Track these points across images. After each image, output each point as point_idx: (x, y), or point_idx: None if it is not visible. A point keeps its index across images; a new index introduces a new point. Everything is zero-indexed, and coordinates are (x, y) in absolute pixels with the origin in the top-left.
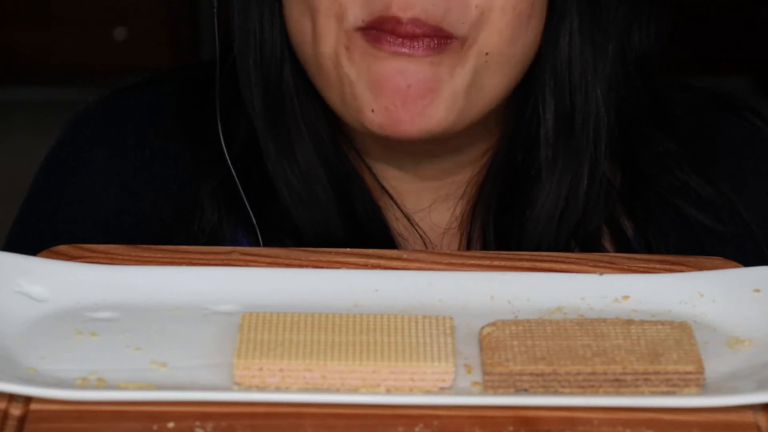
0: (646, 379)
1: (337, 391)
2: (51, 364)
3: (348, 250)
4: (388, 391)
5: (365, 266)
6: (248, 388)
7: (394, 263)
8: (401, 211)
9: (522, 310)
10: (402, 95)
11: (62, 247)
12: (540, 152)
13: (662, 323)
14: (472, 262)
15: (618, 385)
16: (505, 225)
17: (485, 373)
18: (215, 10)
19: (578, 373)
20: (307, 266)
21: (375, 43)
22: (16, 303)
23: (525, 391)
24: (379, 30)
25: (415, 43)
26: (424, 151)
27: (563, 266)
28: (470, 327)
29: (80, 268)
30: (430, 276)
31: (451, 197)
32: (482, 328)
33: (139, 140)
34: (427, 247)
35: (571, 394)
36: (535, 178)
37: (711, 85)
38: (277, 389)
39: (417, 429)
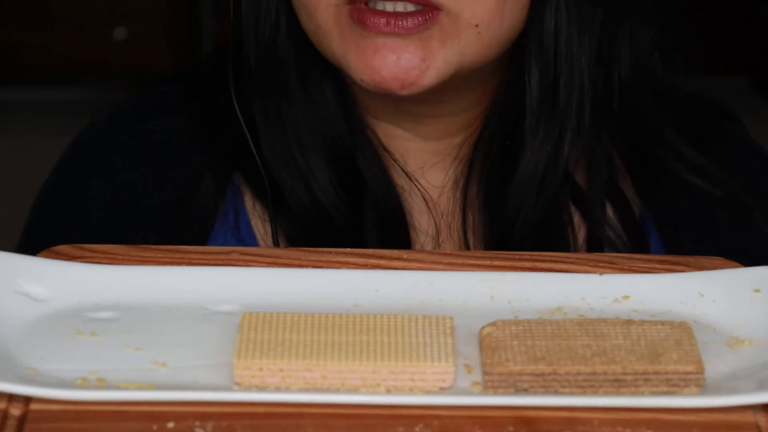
0: (646, 379)
1: (337, 391)
2: (51, 364)
3: (348, 250)
4: (388, 391)
5: (365, 266)
6: (248, 388)
7: (394, 263)
8: (402, 168)
9: (522, 310)
10: (391, 67)
11: (62, 247)
12: (525, 120)
13: (662, 323)
14: (472, 262)
15: (618, 385)
16: (495, 186)
17: (485, 373)
18: None
19: (578, 373)
20: (307, 266)
21: (359, 23)
22: (16, 303)
23: (525, 391)
24: (363, 8)
25: (401, 22)
26: (423, 111)
27: (563, 266)
28: (470, 327)
29: (80, 268)
30: (430, 276)
31: (448, 158)
32: (482, 328)
33: (159, 140)
34: (428, 204)
35: (571, 394)
36: (520, 144)
37: (699, 90)
38: (277, 389)
39: (417, 429)
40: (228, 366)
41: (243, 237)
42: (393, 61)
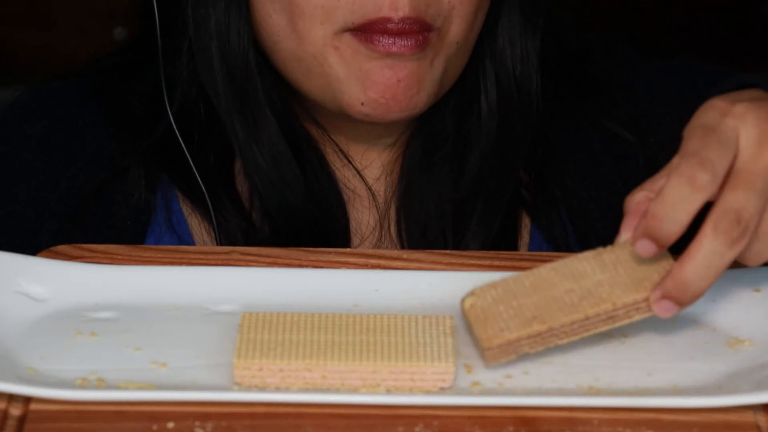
0: (637, 309)
1: (337, 391)
2: (51, 364)
3: (348, 250)
4: (388, 391)
5: (365, 266)
6: (248, 388)
7: (394, 263)
8: (352, 164)
9: None
10: (392, 89)
11: (62, 247)
12: (481, 119)
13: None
14: (472, 262)
15: (612, 321)
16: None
17: (485, 349)
18: None
19: (573, 323)
20: (307, 266)
21: (368, 43)
22: (16, 303)
23: (526, 354)
24: (370, 31)
25: (404, 41)
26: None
27: None
28: None
29: (80, 268)
30: (430, 276)
31: (388, 147)
32: (463, 300)
33: (67, 125)
34: (374, 197)
35: (571, 394)
36: (467, 141)
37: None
38: (277, 389)
39: (417, 429)
40: (228, 366)
41: (179, 233)
42: (395, 83)
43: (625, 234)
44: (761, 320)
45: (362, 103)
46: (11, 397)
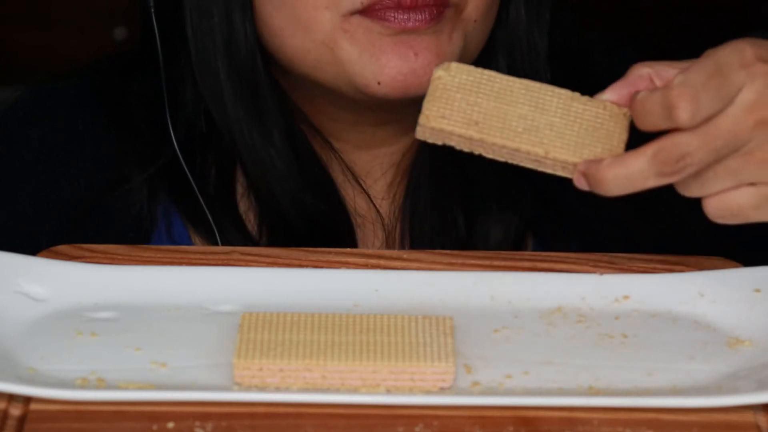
0: (563, 168)
1: (337, 391)
2: (51, 364)
3: (348, 250)
4: (388, 391)
5: (365, 266)
6: (248, 388)
7: (394, 263)
8: (363, 189)
9: (522, 310)
10: (410, 63)
11: (62, 247)
12: None
13: (604, 107)
14: (472, 262)
15: (538, 165)
16: (443, 179)
17: (420, 123)
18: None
19: (503, 147)
20: (307, 266)
21: (381, 21)
22: (16, 303)
23: (452, 148)
24: (382, 8)
25: (419, 15)
26: (382, 118)
27: (563, 266)
28: (470, 327)
29: (80, 268)
30: (430, 276)
31: (391, 167)
32: (438, 67)
33: (68, 125)
34: (384, 226)
35: (571, 394)
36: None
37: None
38: (277, 389)
39: (417, 429)
40: (228, 366)
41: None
42: (412, 58)
43: (607, 94)
44: (761, 320)
45: (379, 83)
46: (11, 397)
